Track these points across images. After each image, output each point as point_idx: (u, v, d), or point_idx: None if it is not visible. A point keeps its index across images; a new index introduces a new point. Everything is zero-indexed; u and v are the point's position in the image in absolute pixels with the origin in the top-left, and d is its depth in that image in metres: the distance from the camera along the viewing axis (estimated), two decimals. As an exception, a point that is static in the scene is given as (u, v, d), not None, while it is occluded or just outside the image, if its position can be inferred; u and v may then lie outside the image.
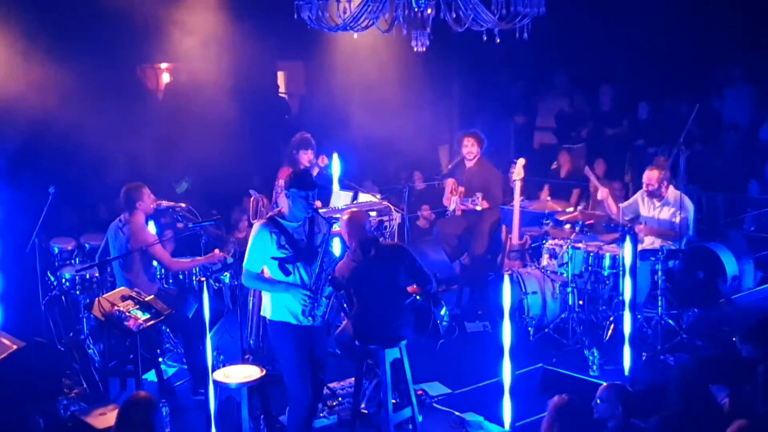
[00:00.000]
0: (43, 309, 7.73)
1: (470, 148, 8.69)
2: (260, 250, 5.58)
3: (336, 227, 6.56)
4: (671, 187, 7.95)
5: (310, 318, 5.60)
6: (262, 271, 5.67)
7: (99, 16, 9.99)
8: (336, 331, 6.54)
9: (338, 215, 7.61)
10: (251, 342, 7.34)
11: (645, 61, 11.53)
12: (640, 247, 7.47)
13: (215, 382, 5.68)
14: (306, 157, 8.02)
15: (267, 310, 5.75)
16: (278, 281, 5.61)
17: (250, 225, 6.99)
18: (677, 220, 7.83)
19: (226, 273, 7.36)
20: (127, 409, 4.98)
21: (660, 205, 7.98)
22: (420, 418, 6.33)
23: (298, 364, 5.67)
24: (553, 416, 4.91)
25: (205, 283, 5.79)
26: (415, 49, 6.17)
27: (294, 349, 5.66)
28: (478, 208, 8.55)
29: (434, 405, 6.81)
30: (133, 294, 6.57)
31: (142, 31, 10.74)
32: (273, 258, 5.57)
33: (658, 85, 11.70)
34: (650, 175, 7.94)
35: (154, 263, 7.28)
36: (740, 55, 11.35)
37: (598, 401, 5.13)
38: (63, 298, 7.67)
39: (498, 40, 6.00)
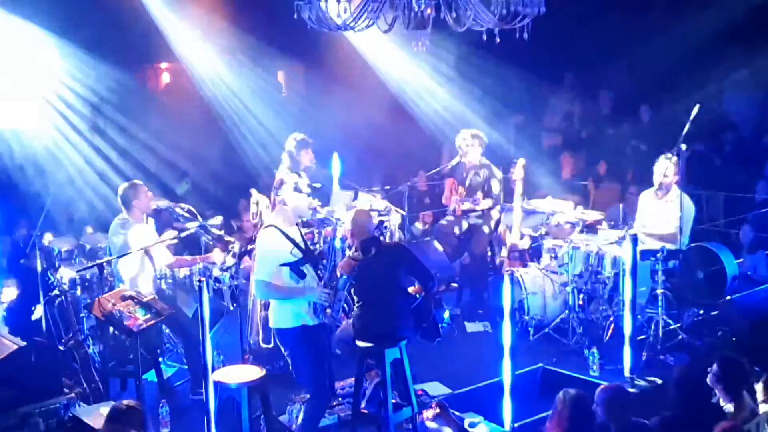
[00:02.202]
0: (43, 309, 7.72)
1: (470, 148, 8.69)
2: (272, 258, 5.59)
3: (339, 227, 6.61)
4: (675, 186, 7.96)
5: (324, 315, 5.64)
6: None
7: (100, 16, 10.01)
8: (336, 331, 6.55)
9: (339, 215, 7.63)
10: (251, 342, 7.33)
11: (646, 62, 11.53)
12: (640, 248, 7.47)
13: (215, 382, 5.67)
14: (308, 157, 8.05)
15: (279, 320, 5.76)
16: (295, 287, 5.63)
17: (254, 226, 7.02)
18: (676, 221, 7.84)
19: (225, 273, 7.35)
20: (114, 419, 4.91)
21: (662, 202, 7.99)
22: (420, 418, 6.33)
23: (316, 366, 5.73)
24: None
25: (205, 283, 5.79)
26: (415, 49, 6.17)
27: (313, 351, 5.72)
28: (479, 208, 8.55)
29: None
30: (133, 294, 6.57)
31: (142, 31, 10.76)
32: (284, 264, 5.59)
33: (658, 86, 11.70)
34: (667, 165, 7.91)
35: (154, 262, 7.27)
36: (744, 56, 11.35)
37: (596, 406, 5.12)
38: (63, 298, 7.67)
39: (498, 40, 5.99)
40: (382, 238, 7.68)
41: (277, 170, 8.01)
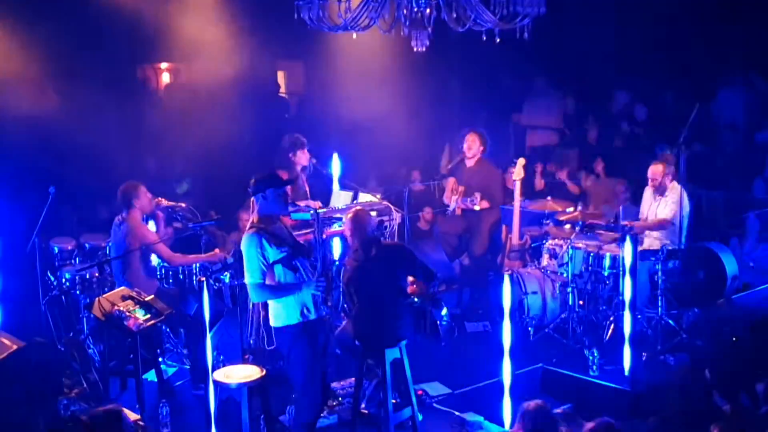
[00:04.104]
0: (43, 309, 7.73)
1: (472, 145, 8.69)
2: (260, 258, 5.57)
3: (337, 226, 6.59)
4: (674, 182, 7.98)
5: (325, 307, 5.63)
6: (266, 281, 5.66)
7: (99, 16, 10.00)
8: (336, 331, 6.55)
9: (339, 215, 7.64)
10: (251, 342, 7.34)
11: (644, 62, 11.53)
12: (640, 248, 7.47)
13: (215, 382, 5.68)
14: (304, 157, 8.05)
15: (277, 318, 5.74)
16: (290, 283, 5.61)
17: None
18: (673, 214, 7.85)
19: (226, 273, 7.35)
20: (93, 425, 4.81)
21: (659, 198, 8.02)
22: (420, 418, 6.33)
23: (311, 365, 5.71)
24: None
25: (205, 283, 5.79)
26: (415, 49, 6.17)
27: (308, 349, 5.68)
28: (477, 207, 8.55)
29: (434, 405, 6.80)
30: (133, 294, 6.57)
31: (142, 31, 10.74)
32: (275, 262, 5.57)
33: (657, 86, 11.70)
34: (654, 170, 7.99)
35: (154, 261, 7.28)
36: (739, 57, 11.36)
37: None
38: (63, 298, 7.67)
39: (498, 40, 6.00)
40: (382, 238, 7.68)
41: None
